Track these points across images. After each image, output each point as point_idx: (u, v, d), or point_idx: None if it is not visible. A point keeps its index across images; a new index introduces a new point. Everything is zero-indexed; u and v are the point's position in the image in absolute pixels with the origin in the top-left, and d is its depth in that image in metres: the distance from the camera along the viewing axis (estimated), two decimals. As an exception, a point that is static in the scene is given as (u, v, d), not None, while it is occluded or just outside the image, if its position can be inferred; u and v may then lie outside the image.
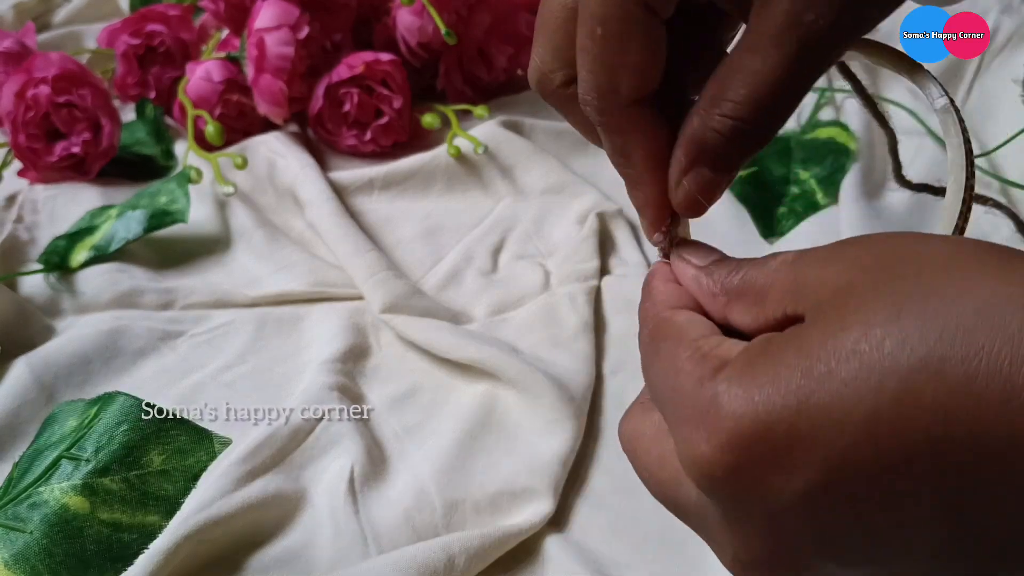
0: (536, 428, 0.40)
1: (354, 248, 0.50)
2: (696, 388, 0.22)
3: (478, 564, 0.35)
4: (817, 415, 0.20)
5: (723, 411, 0.21)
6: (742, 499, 0.22)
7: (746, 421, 0.21)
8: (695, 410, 0.22)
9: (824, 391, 0.20)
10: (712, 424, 0.21)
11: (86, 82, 0.59)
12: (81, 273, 0.50)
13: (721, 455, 0.21)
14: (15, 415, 0.42)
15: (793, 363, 0.20)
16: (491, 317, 0.48)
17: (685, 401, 0.23)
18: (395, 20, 0.64)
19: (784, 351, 0.21)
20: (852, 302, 0.20)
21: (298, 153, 0.58)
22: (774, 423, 0.20)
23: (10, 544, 0.31)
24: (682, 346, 0.24)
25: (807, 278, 0.22)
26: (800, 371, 0.20)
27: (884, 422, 0.19)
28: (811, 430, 0.20)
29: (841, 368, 0.20)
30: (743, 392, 0.21)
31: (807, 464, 0.20)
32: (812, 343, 0.20)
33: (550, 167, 0.57)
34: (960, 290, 0.19)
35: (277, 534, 0.37)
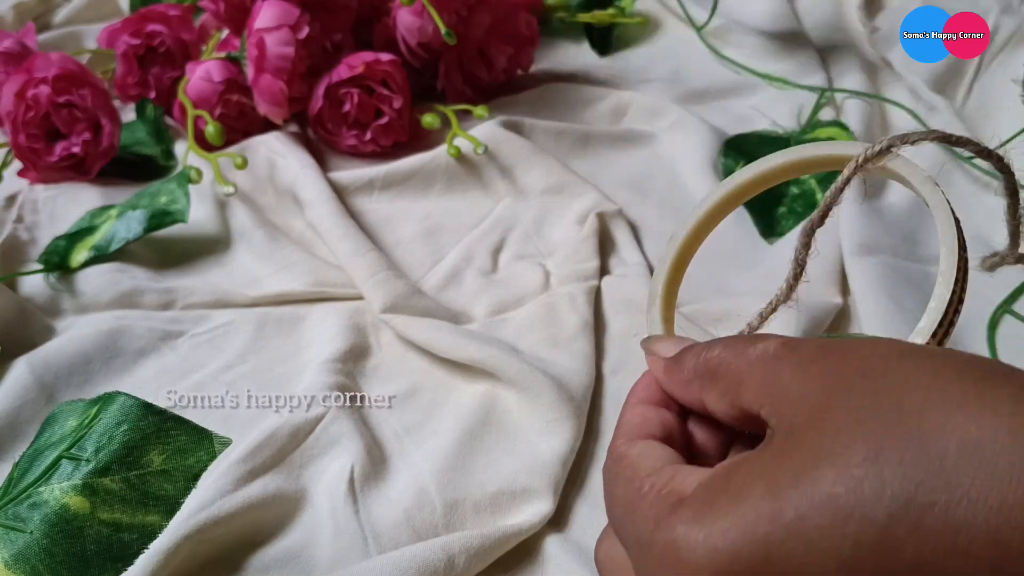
0: (536, 428, 0.40)
1: (354, 248, 0.50)
2: (653, 531, 0.21)
3: (478, 564, 0.35)
4: (786, 566, 0.18)
5: (683, 561, 0.20)
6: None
7: (711, 564, 0.19)
8: (654, 557, 0.21)
9: (795, 540, 0.18)
10: (676, 568, 0.20)
11: (86, 82, 0.59)
12: (81, 273, 0.50)
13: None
14: (15, 415, 0.42)
15: (760, 505, 0.19)
16: (491, 317, 0.48)
17: (644, 547, 0.21)
18: (395, 20, 0.64)
19: (750, 488, 0.19)
20: (829, 431, 0.19)
21: (298, 153, 0.58)
22: (743, 565, 0.19)
23: (10, 544, 0.31)
24: (634, 484, 0.23)
25: (786, 386, 0.21)
26: (768, 515, 0.19)
27: (863, 551, 0.18)
28: (785, 569, 0.18)
29: (814, 514, 0.18)
30: (703, 538, 0.19)
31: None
32: (782, 481, 0.19)
33: (550, 167, 0.57)
34: (942, 423, 0.18)
35: (277, 534, 0.37)
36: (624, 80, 0.69)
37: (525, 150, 0.57)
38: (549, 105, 0.66)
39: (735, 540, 0.19)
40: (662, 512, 0.21)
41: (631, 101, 0.65)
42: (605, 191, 0.56)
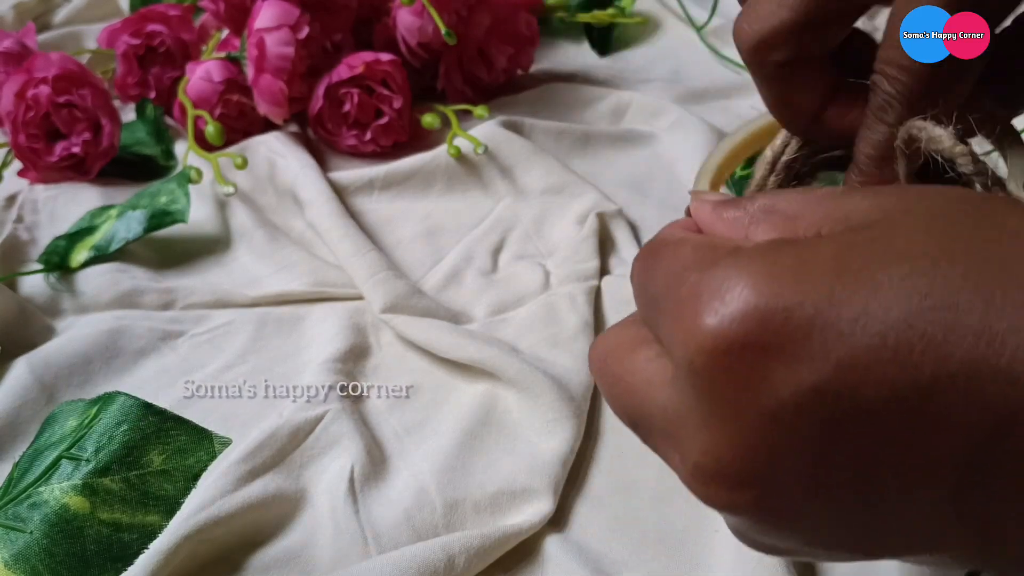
0: (536, 428, 0.40)
1: (354, 248, 0.50)
2: (706, 272, 0.19)
3: (478, 564, 0.35)
4: (848, 305, 0.17)
5: (739, 285, 0.18)
6: (734, 386, 0.18)
7: (765, 297, 0.18)
8: (701, 289, 0.19)
9: (860, 283, 0.17)
10: (724, 298, 0.18)
11: (86, 82, 0.59)
12: (81, 273, 0.50)
13: (728, 327, 0.18)
14: (15, 415, 0.42)
15: (827, 253, 0.18)
16: (491, 317, 0.48)
17: (691, 285, 0.19)
18: (395, 20, 0.64)
19: (817, 243, 0.18)
20: (913, 223, 0.18)
21: (298, 153, 0.58)
22: (797, 305, 0.17)
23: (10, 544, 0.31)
24: (687, 244, 0.21)
25: (858, 205, 0.20)
26: (833, 259, 0.18)
27: (923, 329, 0.17)
28: (836, 321, 0.17)
29: (883, 269, 0.17)
30: (765, 268, 0.18)
31: (823, 357, 0.17)
32: (854, 240, 0.18)
33: (550, 167, 0.57)
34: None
35: (277, 534, 0.37)
36: (624, 80, 0.69)
37: (525, 150, 0.57)
38: (549, 105, 0.65)
39: (798, 274, 0.18)
40: (719, 256, 0.19)
41: (631, 101, 0.65)
42: (605, 191, 0.56)
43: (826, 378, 0.17)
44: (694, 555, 0.36)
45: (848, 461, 0.18)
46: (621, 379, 0.22)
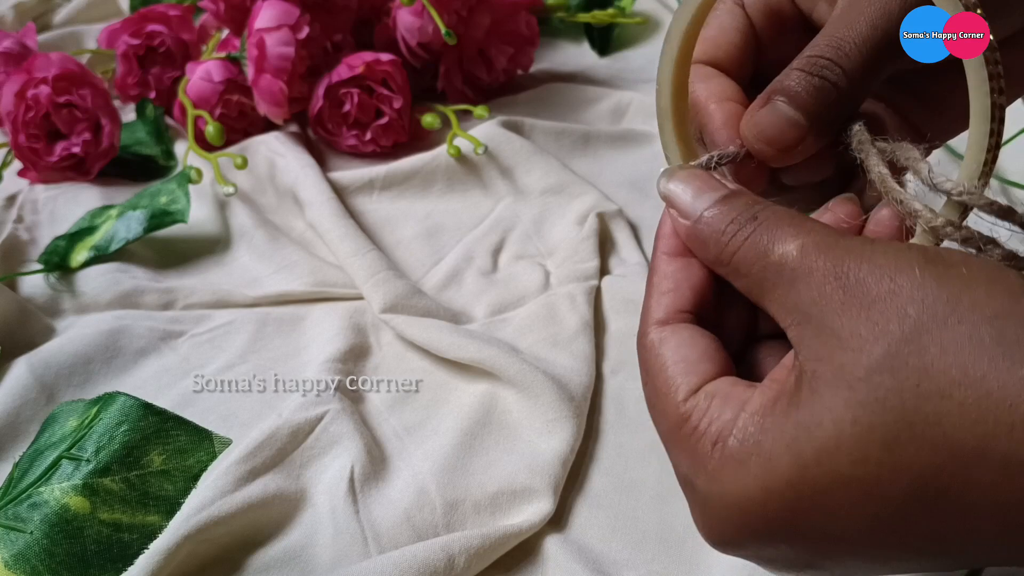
0: (536, 428, 0.40)
1: (354, 248, 0.50)
2: (689, 467, 0.23)
3: (478, 564, 0.35)
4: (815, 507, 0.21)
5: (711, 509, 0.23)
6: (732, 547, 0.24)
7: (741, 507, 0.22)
8: (692, 499, 0.24)
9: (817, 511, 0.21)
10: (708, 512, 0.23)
11: (86, 82, 0.59)
12: (81, 273, 0.50)
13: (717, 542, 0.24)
14: (15, 415, 0.42)
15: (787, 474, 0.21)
16: (491, 317, 0.48)
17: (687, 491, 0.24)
18: (395, 20, 0.64)
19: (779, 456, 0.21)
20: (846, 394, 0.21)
21: (298, 153, 0.58)
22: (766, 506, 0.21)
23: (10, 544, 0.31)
24: (670, 400, 0.24)
25: (807, 313, 0.22)
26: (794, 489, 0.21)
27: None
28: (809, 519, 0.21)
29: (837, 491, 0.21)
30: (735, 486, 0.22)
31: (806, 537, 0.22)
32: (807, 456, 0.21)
33: (550, 167, 0.57)
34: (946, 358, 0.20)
35: (277, 534, 0.37)
36: (624, 80, 0.69)
37: (525, 150, 0.57)
38: (549, 105, 0.65)
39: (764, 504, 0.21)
40: (701, 453, 0.23)
41: (631, 101, 0.65)
42: (605, 191, 0.56)
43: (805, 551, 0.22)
44: (694, 555, 0.36)
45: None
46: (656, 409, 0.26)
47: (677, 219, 0.27)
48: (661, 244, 0.27)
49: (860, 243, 0.22)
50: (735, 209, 0.25)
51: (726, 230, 0.24)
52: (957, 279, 0.20)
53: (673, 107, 0.28)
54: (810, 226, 0.23)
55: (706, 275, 0.26)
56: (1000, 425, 0.19)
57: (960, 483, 0.19)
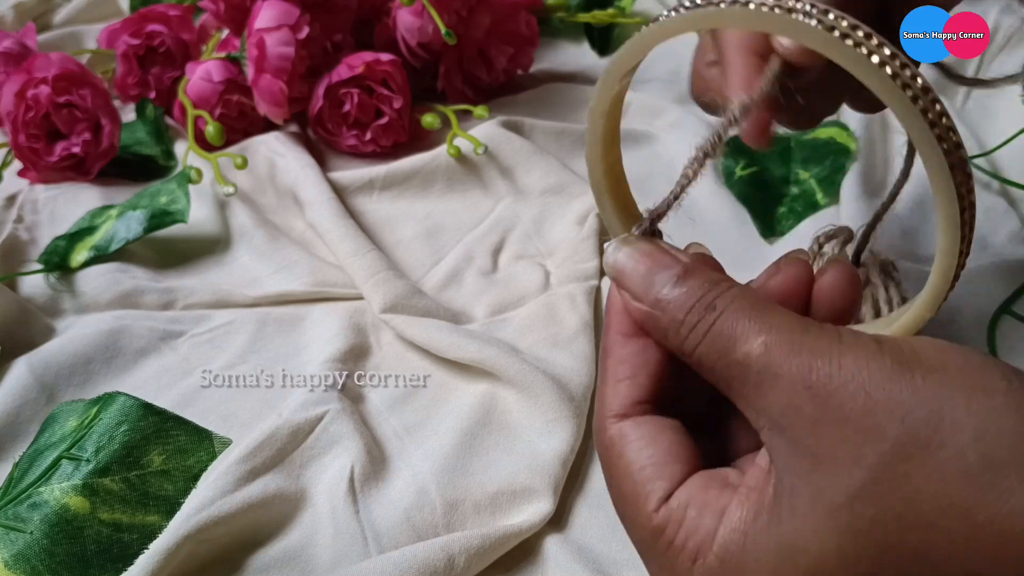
0: (536, 428, 0.40)
1: (354, 248, 0.50)
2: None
3: (478, 564, 0.35)
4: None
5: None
6: None
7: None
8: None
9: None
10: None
11: (86, 82, 0.59)
12: (81, 273, 0.50)
13: None
14: (15, 415, 0.42)
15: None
16: (491, 317, 0.48)
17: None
18: (395, 20, 0.64)
19: (758, 568, 0.21)
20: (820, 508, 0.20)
21: (298, 153, 0.58)
22: None
23: (10, 544, 0.31)
24: (642, 513, 0.24)
25: (778, 419, 0.21)
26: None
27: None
28: None
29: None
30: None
31: None
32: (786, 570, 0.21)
33: (550, 167, 0.57)
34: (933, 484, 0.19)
35: (277, 534, 0.37)
36: (624, 80, 0.69)
37: (525, 150, 0.57)
38: (549, 105, 0.65)
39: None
40: (680, 570, 0.23)
41: (631, 101, 0.64)
42: (605, 191, 0.56)
43: None
44: (694, 555, 0.36)
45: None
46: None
47: (630, 301, 0.25)
48: (614, 322, 0.26)
49: (827, 342, 0.21)
50: (691, 295, 0.23)
51: (685, 321, 0.23)
52: (935, 390, 0.20)
53: (607, 182, 0.28)
54: (772, 320, 0.22)
55: (663, 357, 0.25)
56: (987, 558, 0.18)
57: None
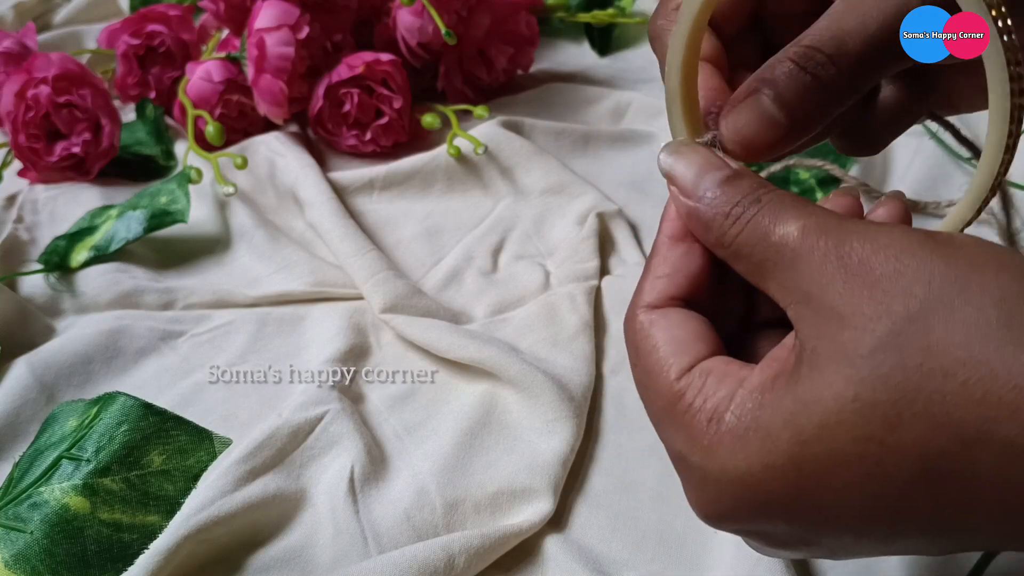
0: (536, 428, 0.40)
1: (354, 248, 0.50)
2: (684, 447, 0.23)
3: (478, 564, 0.35)
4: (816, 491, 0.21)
5: (708, 486, 0.23)
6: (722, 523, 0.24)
7: (732, 498, 0.22)
8: (687, 478, 0.24)
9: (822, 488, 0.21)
10: (705, 495, 0.23)
11: (86, 82, 0.59)
12: (81, 273, 0.50)
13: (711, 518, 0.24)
14: (15, 415, 0.42)
15: (787, 449, 0.21)
16: (491, 317, 0.48)
17: (670, 450, 0.24)
18: (395, 20, 0.64)
19: (779, 432, 0.21)
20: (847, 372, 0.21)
21: (298, 153, 0.58)
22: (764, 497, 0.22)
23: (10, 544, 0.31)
24: (662, 380, 0.24)
25: (807, 292, 0.22)
26: (795, 464, 0.21)
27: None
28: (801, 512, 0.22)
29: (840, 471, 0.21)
30: (731, 474, 0.22)
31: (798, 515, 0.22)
32: (807, 432, 0.21)
33: (550, 167, 0.57)
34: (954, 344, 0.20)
35: (277, 534, 0.37)
36: (624, 80, 0.69)
37: (525, 150, 0.57)
38: (549, 105, 0.65)
39: (764, 480, 0.21)
40: (696, 429, 0.23)
41: (631, 101, 0.65)
42: (605, 191, 0.56)
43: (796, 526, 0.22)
44: (694, 555, 0.36)
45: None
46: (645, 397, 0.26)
47: (678, 197, 0.26)
48: (665, 226, 0.27)
49: (863, 225, 0.22)
50: (739, 192, 0.24)
51: (730, 212, 0.24)
52: (965, 261, 0.20)
53: (682, 88, 0.28)
54: (812, 209, 0.23)
55: (705, 263, 0.26)
56: (1003, 408, 0.18)
57: (962, 465, 0.19)
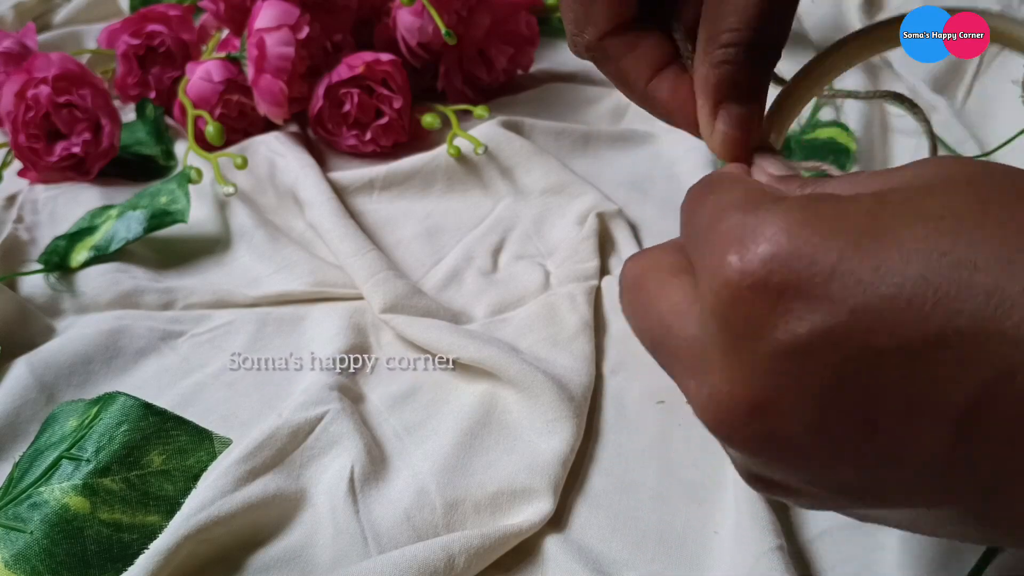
0: (536, 428, 0.40)
1: (354, 248, 0.50)
2: (749, 212, 0.20)
3: (478, 564, 0.35)
4: (871, 256, 0.18)
5: (773, 229, 0.19)
6: (753, 321, 0.19)
7: (794, 241, 0.19)
8: (740, 229, 0.20)
9: (886, 237, 0.18)
10: (756, 236, 0.20)
11: (86, 82, 0.59)
12: (81, 273, 0.50)
13: (752, 266, 0.19)
14: (15, 415, 0.42)
15: (861, 209, 0.19)
16: (491, 317, 0.48)
17: (731, 223, 0.21)
18: (395, 20, 0.64)
19: (855, 200, 0.20)
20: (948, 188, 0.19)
21: (298, 153, 0.58)
22: (823, 251, 0.19)
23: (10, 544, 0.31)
24: (740, 186, 0.23)
25: (901, 174, 0.21)
26: (867, 214, 0.19)
27: (937, 284, 0.18)
28: (857, 269, 0.18)
29: (910, 226, 0.18)
30: (801, 216, 0.19)
31: (840, 301, 0.18)
32: (889, 199, 0.19)
33: (550, 167, 0.57)
34: None
35: (277, 534, 0.37)
36: (624, 80, 0.69)
37: (525, 150, 0.57)
38: (549, 105, 0.66)
39: (831, 223, 0.19)
40: (764, 202, 0.21)
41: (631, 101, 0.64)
42: (605, 191, 0.56)
43: (840, 322, 0.18)
44: (694, 555, 0.36)
45: (853, 402, 0.19)
46: (651, 303, 0.24)
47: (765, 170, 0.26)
48: None
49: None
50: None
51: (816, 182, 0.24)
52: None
53: (783, 111, 0.30)
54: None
55: None
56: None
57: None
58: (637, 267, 0.25)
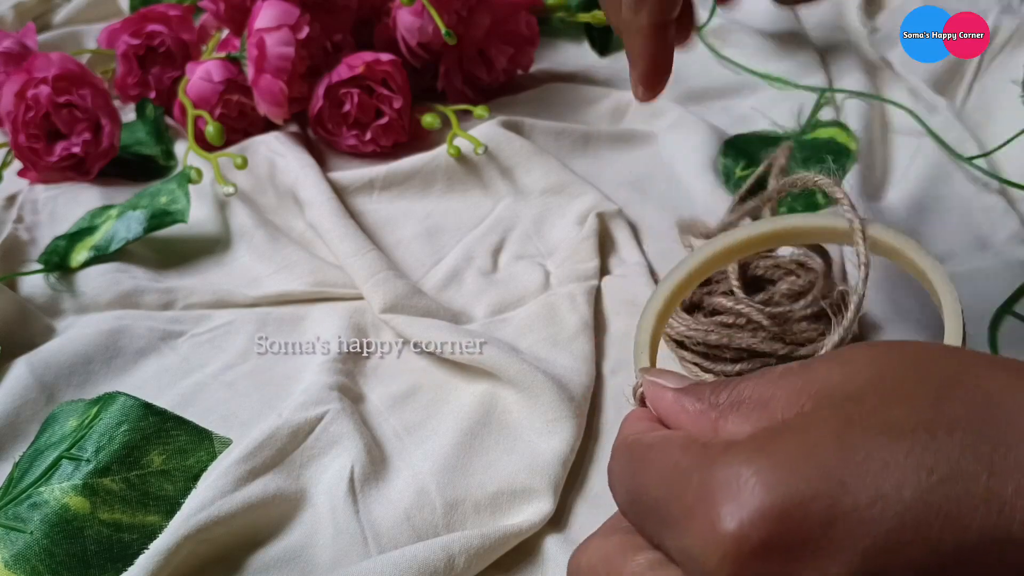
0: (536, 428, 0.40)
1: (354, 248, 0.50)
2: (706, 473, 0.19)
3: (478, 564, 0.35)
4: (862, 490, 0.17)
5: (750, 483, 0.18)
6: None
7: (780, 493, 0.18)
8: (709, 492, 0.19)
9: (868, 465, 0.18)
10: (737, 499, 0.18)
11: (86, 82, 0.59)
12: (81, 273, 0.50)
13: (751, 530, 0.18)
14: (15, 415, 0.42)
15: (826, 435, 0.18)
16: (491, 317, 0.48)
17: (690, 490, 0.20)
18: (395, 20, 0.64)
19: (812, 425, 0.19)
20: (896, 390, 0.19)
21: (298, 153, 0.58)
22: (812, 498, 0.18)
23: (10, 544, 0.31)
24: (674, 444, 0.21)
25: (828, 376, 0.20)
26: (835, 440, 0.18)
27: (937, 504, 0.17)
28: (854, 508, 0.17)
29: (887, 446, 0.18)
30: (770, 461, 0.18)
31: (850, 548, 0.17)
32: (849, 417, 0.19)
33: (550, 167, 0.57)
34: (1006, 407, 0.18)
35: (277, 534, 0.37)
36: (624, 80, 0.69)
37: (525, 150, 0.57)
38: (549, 105, 0.65)
39: (807, 467, 0.18)
40: (715, 454, 0.19)
41: (631, 101, 0.65)
42: (605, 191, 0.56)
43: (856, 568, 0.17)
44: (694, 555, 0.36)
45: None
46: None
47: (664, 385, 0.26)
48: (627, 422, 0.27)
49: None
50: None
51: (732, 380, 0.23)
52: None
53: (650, 346, 0.33)
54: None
55: None
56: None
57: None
58: (587, 561, 0.24)
